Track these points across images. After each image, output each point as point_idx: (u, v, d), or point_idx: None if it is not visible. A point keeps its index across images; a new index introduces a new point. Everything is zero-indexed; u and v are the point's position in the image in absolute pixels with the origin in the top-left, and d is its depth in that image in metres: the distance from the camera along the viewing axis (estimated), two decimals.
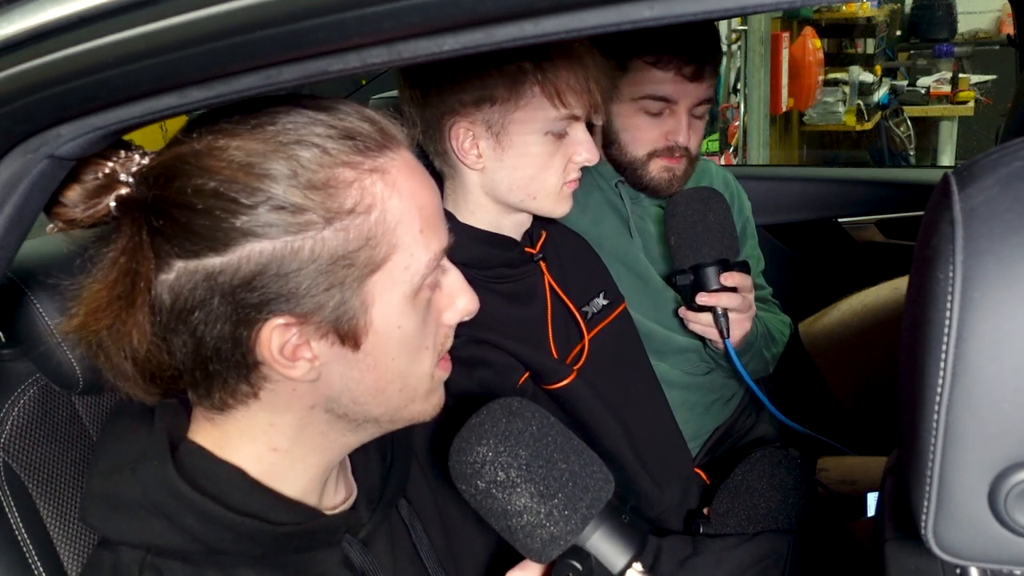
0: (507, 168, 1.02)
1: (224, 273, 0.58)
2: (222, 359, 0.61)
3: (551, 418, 0.71)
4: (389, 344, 0.64)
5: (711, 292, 1.23)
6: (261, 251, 0.58)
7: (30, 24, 0.55)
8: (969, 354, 0.44)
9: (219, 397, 0.63)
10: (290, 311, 0.60)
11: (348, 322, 0.61)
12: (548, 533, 0.66)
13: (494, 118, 1.00)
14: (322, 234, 0.59)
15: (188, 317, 0.59)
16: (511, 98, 0.99)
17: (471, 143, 1.01)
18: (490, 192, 1.05)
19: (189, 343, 0.60)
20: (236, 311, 0.59)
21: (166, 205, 0.59)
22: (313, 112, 0.61)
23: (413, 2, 0.45)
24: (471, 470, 0.67)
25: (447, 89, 0.99)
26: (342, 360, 0.63)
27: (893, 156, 4.63)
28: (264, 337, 0.60)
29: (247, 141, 0.59)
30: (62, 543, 0.77)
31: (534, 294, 1.12)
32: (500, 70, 0.97)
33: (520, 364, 1.04)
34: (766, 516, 1.10)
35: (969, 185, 0.45)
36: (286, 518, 0.66)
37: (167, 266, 0.59)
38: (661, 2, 0.43)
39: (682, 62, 1.25)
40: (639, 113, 1.29)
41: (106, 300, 0.60)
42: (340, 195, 0.59)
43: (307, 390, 0.64)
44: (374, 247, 0.61)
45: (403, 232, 0.62)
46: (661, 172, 1.33)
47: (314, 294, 0.59)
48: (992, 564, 0.50)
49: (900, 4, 5.18)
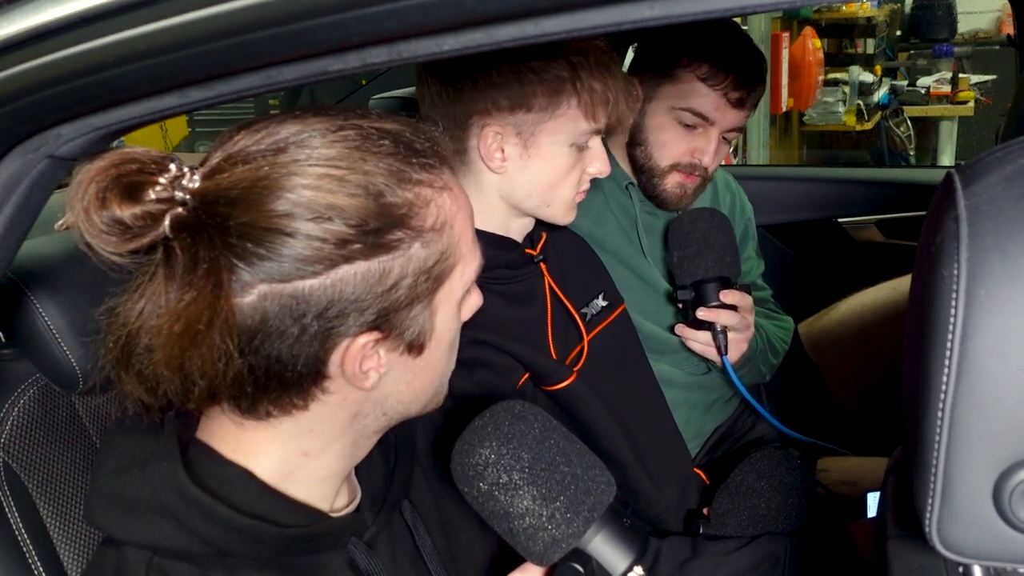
0: (529, 174, 1.03)
1: (316, 296, 0.58)
2: (293, 378, 0.60)
3: (553, 421, 0.71)
4: (440, 347, 0.67)
5: (711, 308, 1.23)
6: (355, 273, 0.58)
7: (30, 24, 0.55)
8: (974, 351, 0.44)
9: (265, 410, 0.63)
10: (378, 327, 0.61)
11: (420, 333, 0.64)
12: (550, 536, 0.66)
13: (526, 125, 1.00)
14: (409, 252, 0.61)
15: (270, 340, 0.58)
16: (548, 108, 0.99)
17: (497, 146, 1.01)
18: (505, 195, 1.05)
19: (261, 364, 0.59)
20: (325, 332, 0.59)
21: (251, 229, 0.56)
22: (390, 125, 0.62)
23: (414, 2, 0.45)
24: (473, 472, 0.67)
25: (482, 89, 0.98)
26: (402, 367, 0.65)
27: (893, 156, 4.63)
28: (349, 355, 0.60)
29: (333, 163, 0.58)
30: (62, 543, 0.77)
31: (534, 295, 1.12)
32: (540, 77, 0.98)
33: (520, 365, 1.04)
34: (766, 516, 1.10)
35: (973, 182, 0.44)
36: (293, 520, 0.65)
37: (246, 288, 0.57)
38: (662, 2, 0.43)
39: (731, 86, 1.26)
40: (674, 123, 1.30)
41: (185, 335, 0.57)
42: (423, 213, 0.61)
43: (359, 397, 0.65)
44: (446, 260, 0.64)
45: (463, 244, 0.66)
46: (675, 187, 1.33)
47: (399, 309, 0.61)
48: (996, 562, 0.50)
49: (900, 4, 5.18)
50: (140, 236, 0.57)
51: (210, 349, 0.57)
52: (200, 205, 0.57)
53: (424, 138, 0.64)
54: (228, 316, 0.57)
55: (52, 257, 0.80)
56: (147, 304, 0.59)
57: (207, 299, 0.56)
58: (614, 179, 1.37)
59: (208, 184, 0.58)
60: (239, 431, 0.65)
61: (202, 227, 0.57)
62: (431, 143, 0.65)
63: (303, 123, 0.60)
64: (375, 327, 0.60)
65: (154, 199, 0.56)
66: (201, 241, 0.57)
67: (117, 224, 0.56)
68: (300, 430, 0.65)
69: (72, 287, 0.78)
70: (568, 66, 0.98)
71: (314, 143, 0.59)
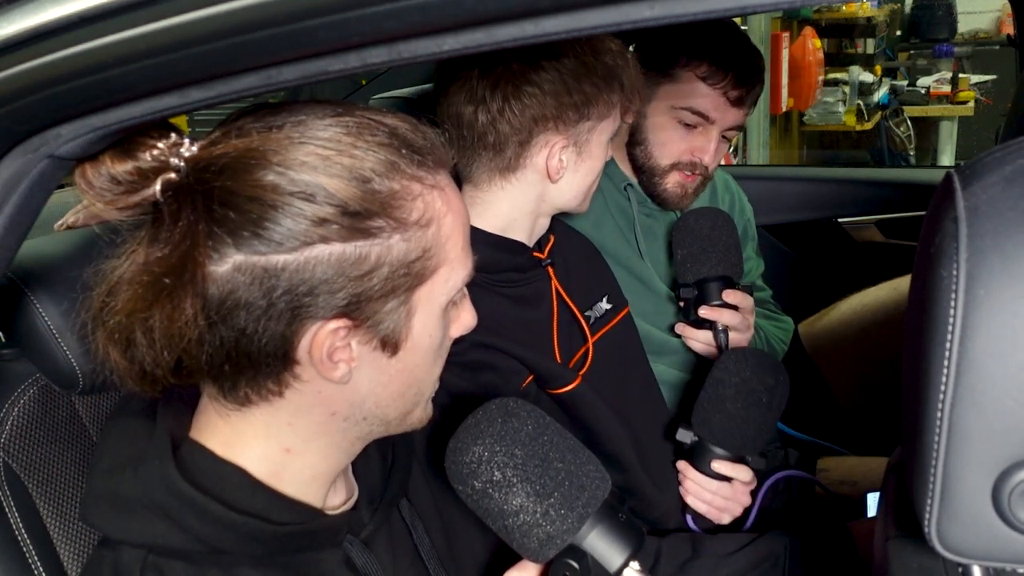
0: (579, 176, 1.04)
1: (288, 271, 0.58)
2: (261, 356, 0.60)
3: (547, 418, 0.71)
4: (419, 352, 0.66)
5: (713, 307, 1.23)
6: (330, 253, 0.58)
7: (30, 24, 0.55)
8: (973, 352, 0.44)
9: (244, 393, 0.63)
10: (347, 315, 0.60)
11: (394, 329, 0.63)
12: (544, 532, 0.66)
13: (583, 132, 1.01)
14: (388, 242, 0.60)
15: (237, 311, 0.58)
16: (605, 115, 1.01)
17: (560, 157, 1.01)
18: (550, 200, 1.05)
19: (229, 337, 0.59)
20: (293, 311, 0.59)
21: (234, 197, 0.57)
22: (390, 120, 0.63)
23: (414, 2, 0.45)
24: (467, 470, 0.67)
25: (548, 106, 0.97)
26: (376, 364, 0.64)
27: (893, 156, 4.63)
28: (317, 339, 0.60)
29: (324, 145, 0.59)
30: (62, 543, 0.77)
31: (541, 299, 1.12)
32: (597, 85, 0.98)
33: (524, 368, 1.04)
34: (745, 410, 1.08)
35: (973, 183, 0.44)
36: (288, 518, 0.66)
37: (221, 258, 0.58)
38: (662, 2, 0.43)
39: (731, 84, 1.26)
40: (674, 123, 1.30)
41: (150, 286, 0.58)
42: (407, 206, 0.61)
43: (334, 392, 0.64)
44: (428, 259, 0.63)
45: (451, 247, 0.65)
46: (675, 187, 1.34)
47: (372, 299, 0.61)
48: (995, 562, 0.50)
49: (900, 4, 5.18)
50: (130, 193, 0.58)
51: (176, 310, 0.58)
52: (191, 171, 0.59)
53: (423, 137, 0.64)
54: (199, 279, 0.57)
55: (52, 257, 0.80)
56: (127, 262, 0.61)
57: (179, 256, 0.57)
58: (612, 180, 1.37)
59: (202, 152, 0.60)
60: (226, 425, 0.66)
61: (190, 192, 0.58)
62: (430, 143, 0.65)
63: (304, 108, 0.62)
64: (346, 314, 0.60)
65: (148, 159, 0.59)
66: (185, 204, 0.58)
67: (110, 180, 0.58)
68: (279, 423, 0.65)
69: (72, 287, 0.78)
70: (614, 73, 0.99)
71: (311, 124, 0.60)
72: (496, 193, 1.04)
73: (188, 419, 0.69)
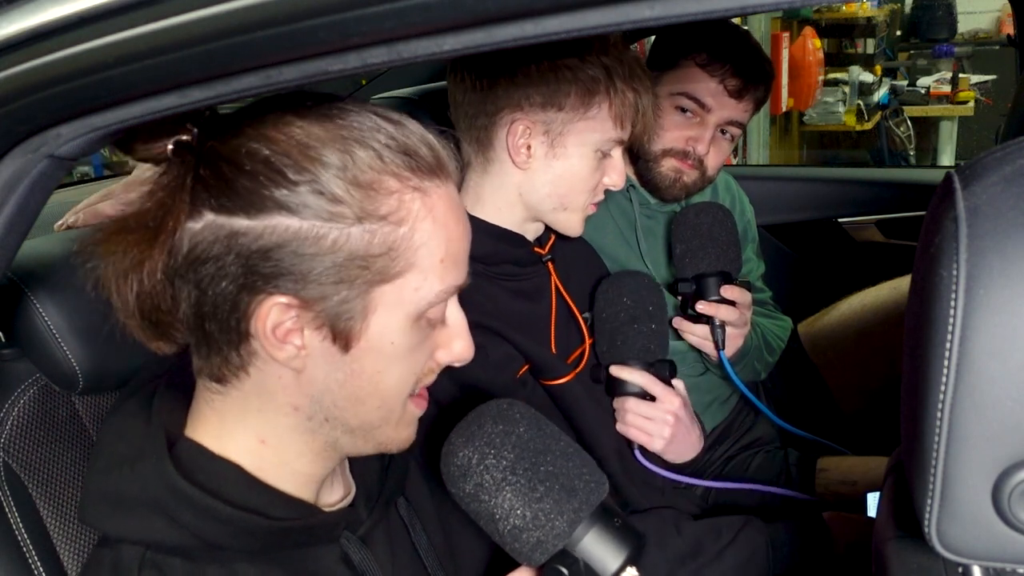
0: (551, 174, 1.04)
1: (247, 236, 0.59)
2: (218, 319, 0.62)
3: (542, 420, 0.70)
4: (377, 356, 0.65)
5: (711, 302, 1.23)
6: (288, 227, 0.59)
7: (30, 24, 0.55)
8: (973, 352, 0.44)
9: (216, 364, 0.64)
10: (295, 292, 0.61)
11: (345, 321, 0.63)
12: (534, 537, 0.65)
13: (556, 123, 1.01)
14: (349, 230, 0.60)
15: (199, 267, 0.60)
16: (579, 108, 1.00)
17: (525, 141, 1.02)
18: (524, 194, 1.05)
19: (193, 294, 0.62)
20: (245, 275, 0.60)
21: (216, 158, 0.60)
22: (381, 120, 0.63)
23: (414, 2, 0.45)
24: (459, 473, 0.67)
25: (516, 83, 0.99)
26: (329, 358, 0.64)
27: (893, 156, 4.63)
28: (263, 311, 0.61)
29: (312, 125, 0.61)
30: (62, 543, 0.77)
31: (541, 293, 1.12)
32: (575, 76, 0.98)
33: (520, 355, 1.05)
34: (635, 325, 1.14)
35: (973, 183, 0.44)
36: (284, 513, 0.66)
37: (198, 215, 0.60)
38: (662, 2, 0.43)
39: (729, 73, 1.27)
40: (671, 109, 1.31)
41: (133, 227, 0.61)
42: (378, 200, 0.61)
43: (292, 381, 0.64)
44: (393, 259, 0.62)
45: (425, 255, 0.64)
46: (669, 171, 1.33)
47: (322, 283, 0.61)
48: (995, 563, 0.50)
49: (900, 4, 5.18)
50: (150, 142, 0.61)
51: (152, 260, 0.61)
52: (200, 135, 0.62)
53: (421, 140, 0.64)
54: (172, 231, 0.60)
55: (52, 257, 0.80)
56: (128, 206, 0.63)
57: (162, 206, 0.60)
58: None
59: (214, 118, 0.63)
60: (213, 414, 0.67)
61: (190, 150, 0.61)
62: (432, 151, 0.65)
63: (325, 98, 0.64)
64: (293, 292, 0.61)
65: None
66: (186, 161, 0.61)
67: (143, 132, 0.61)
68: (250, 408, 0.66)
69: (72, 287, 0.78)
70: (604, 69, 0.99)
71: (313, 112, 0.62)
72: (480, 176, 1.06)
73: (183, 417, 0.69)
